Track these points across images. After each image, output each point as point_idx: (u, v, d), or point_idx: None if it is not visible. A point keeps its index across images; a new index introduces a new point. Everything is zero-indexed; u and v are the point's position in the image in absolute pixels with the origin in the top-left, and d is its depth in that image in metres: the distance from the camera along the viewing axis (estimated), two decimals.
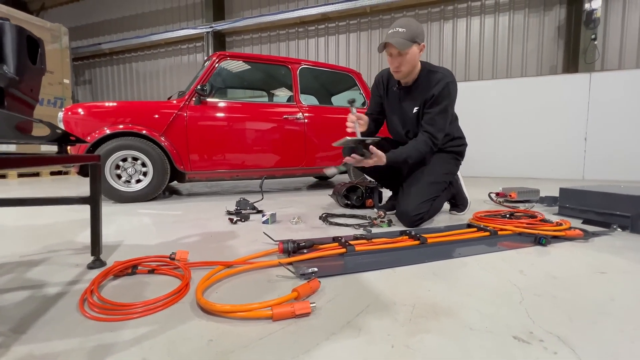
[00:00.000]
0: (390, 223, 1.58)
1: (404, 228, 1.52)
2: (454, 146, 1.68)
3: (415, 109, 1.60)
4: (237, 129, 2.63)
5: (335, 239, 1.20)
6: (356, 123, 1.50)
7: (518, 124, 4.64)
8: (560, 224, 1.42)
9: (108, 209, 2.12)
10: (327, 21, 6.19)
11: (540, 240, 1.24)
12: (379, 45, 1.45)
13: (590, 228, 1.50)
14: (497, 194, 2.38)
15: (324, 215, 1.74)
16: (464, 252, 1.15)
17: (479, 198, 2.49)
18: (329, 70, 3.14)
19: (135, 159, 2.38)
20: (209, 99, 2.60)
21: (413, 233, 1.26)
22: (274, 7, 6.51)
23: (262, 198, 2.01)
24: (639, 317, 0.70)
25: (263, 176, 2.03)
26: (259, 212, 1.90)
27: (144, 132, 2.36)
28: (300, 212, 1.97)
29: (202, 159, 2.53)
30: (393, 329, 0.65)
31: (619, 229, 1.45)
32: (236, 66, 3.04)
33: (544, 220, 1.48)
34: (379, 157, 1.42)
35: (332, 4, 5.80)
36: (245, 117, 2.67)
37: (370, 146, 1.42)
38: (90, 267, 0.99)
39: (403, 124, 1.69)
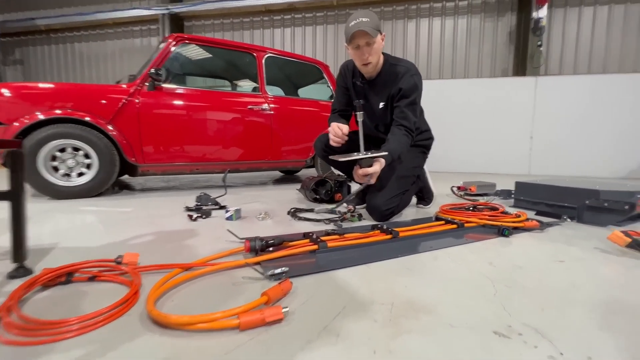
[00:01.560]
0: (360, 217, 1.55)
1: (374, 222, 1.50)
2: (421, 140, 1.69)
3: (381, 104, 1.58)
4: (197, 119, 2.43)
5: (305, 235, 1.14)
6: (361, 137, 1.39)
7: (474, 123, 4.90)
8: (519, 216, 1.49)
9: (43, 206, 1.84)
10: (293, 11, 6.04)
11: (503, 232, 1.29)
12: (347, 35, 1.39)
13: (544, 219, 1.60)
14: (459, 188, 2.48)
15: (292, 210, 1.66)
16: (435, 245, 1.15)
17: (441, 192, 2.58)
18: (296, 61, 3.04)
19: (76, 149, 2.09)
20: (164, 85, 2.37)
21: (385, 227, 1.24)
22: None
23: (226, 193, 1.88)
24: (601, 303, 0.73)
25: (227, 169, 1.88)
26: (222, 207, 1.77)
27: (88, 119, 2.09)
28: (267, 207, 1.87)
29: (158, 151, 2.31)
30: (373, 331, 0.61)
31: (568, 219, 1.56)
32: (195, 51, 2.82)
33: (505, 213, 1.55)
34: (380, 165, 1.36)
35: None
36: (207, 106, 2.48)
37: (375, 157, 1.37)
38: (12, 276, 0.82)
39: (371, 118, 1.66)
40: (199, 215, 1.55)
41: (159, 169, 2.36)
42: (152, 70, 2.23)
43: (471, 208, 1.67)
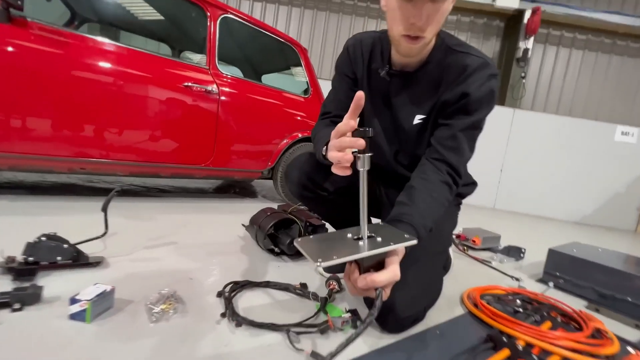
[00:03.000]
0: (356, 322, 0.83)
1: (380, 340, 0.79)
2: (462, 185, 1.03)
3: (419, 118, 0.88)
4: (90, 88, 1.47)
5: None
6: (363, 212, 0.61)
7: None
8: (606, 336, 0.91)
9: None
10: None
11: None
12: None
13: (601, 317, 1.05)
14: (458, 237, 1.92)
15: (227, 291, 0.87)
16: None
17: None
18: (266, 34, 2.22)
19: None
20: (34, 20, 1.38)
21: None
22: None
23: (106, 232, 1.01)
24: None
25: (114, 190, 0.98)
26: (88, 265, 0.91)
27: None
28: (183, 268, 1.04)
29: (5, 131, 1.31)
30: None
31: None
32: None
33: (593, 335, 0.95)
34: (399, 257, 0.64)
35: None
36: (109, 68, 1.53)
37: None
38: None
39: (391, 139, 0.95)
40: (5, 301, 0.68)
41: (3, 163, 1.35)
42: None
43: (520, 304, 1.06)
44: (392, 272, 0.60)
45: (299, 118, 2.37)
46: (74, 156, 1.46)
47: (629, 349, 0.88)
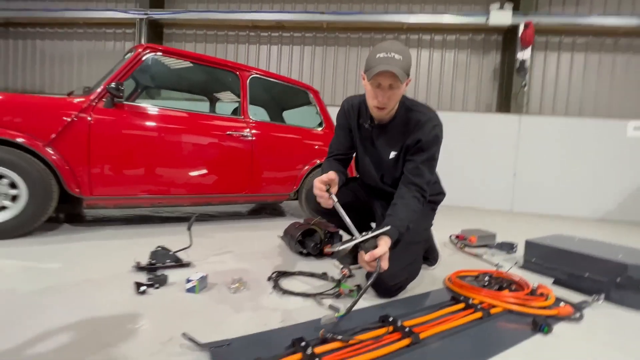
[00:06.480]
0: (359, 290, 1.24)
1: (376, 301, 1.20)
2: (432, 194, 1.44)
3: (392, 154, 1.32)
4: (164, 145, 2.05)
5: (295, 345, 0.81)
6: (348, 221, 1.15)
7: (458, 156, 4.78)
8: (545, 295, 1.25)
9: None
10: (282, 29, 5.85)
11: (541, 328, 1.03)
12: (370, 68, 1.12)
13: (566, 291, 1.37)
14: (457, 237, 2.26)
15: (274, 276, 1.32)
16: (470, 357, 0.86)
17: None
18: (283, 84, 2.77)
19: None
20: (127, 102, 1.99)
21: (399, 324, 0.94)
22: (224, 5, 5.94)
23: (190, 245, 1.51)
24: None
25: (194, 215, 1.51)
26: (183, 265, 1.40)
27: (21, 140, 1.66)
28: (242, 267, 1.51)
29: (110, 181, 1.89)
30: None
31: (600, 300, 1.34)
32: (170, 64, 2.48)
33: (532, 293, 1.29)
34: (386, 243, 1.10)
35: (288, 12, 5.49)
36: (177, 129, 2.12)
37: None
38: None
39: (377, 168, 1.40)
40: (150, 283, 1.17)
41: (110, 203, 1.94)
42: (112, 85, 1.85)
43: (488, 279, 1.41)
44: (382, 249, 1.05)
45: (316, 147, 2.86)
46: (157, 194, 2.02)
47: (562, 303, 1.21)
